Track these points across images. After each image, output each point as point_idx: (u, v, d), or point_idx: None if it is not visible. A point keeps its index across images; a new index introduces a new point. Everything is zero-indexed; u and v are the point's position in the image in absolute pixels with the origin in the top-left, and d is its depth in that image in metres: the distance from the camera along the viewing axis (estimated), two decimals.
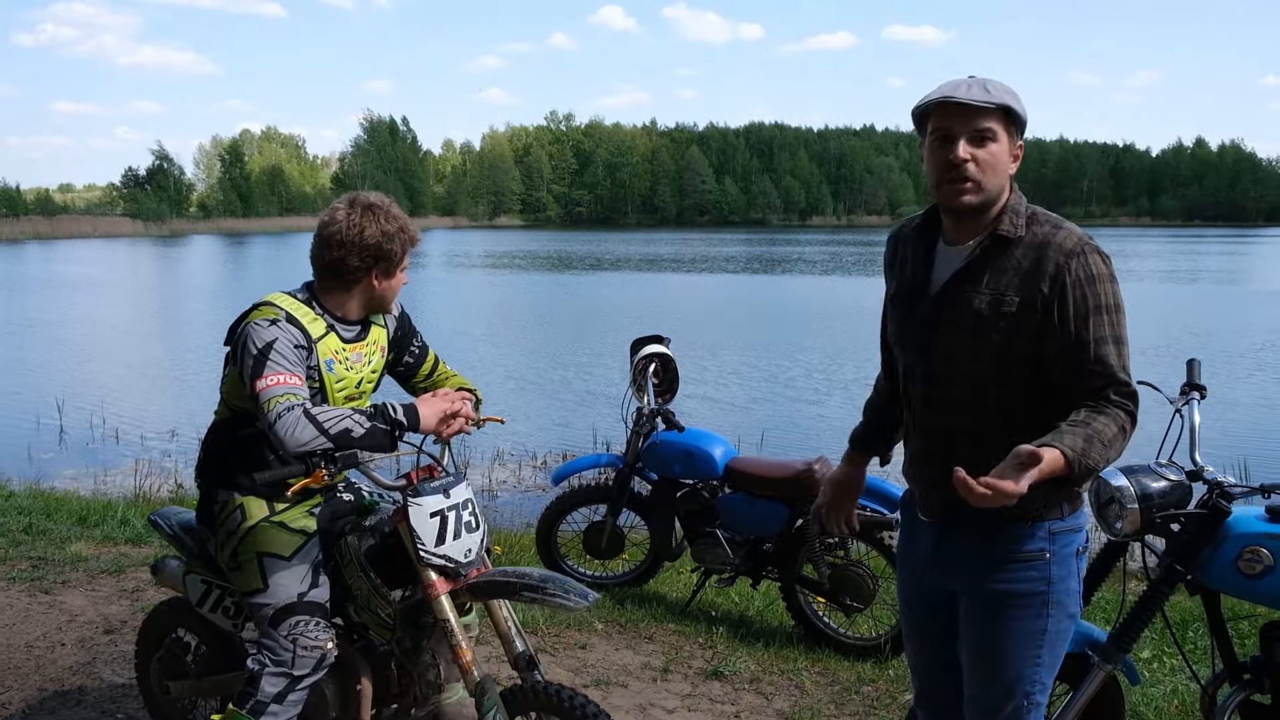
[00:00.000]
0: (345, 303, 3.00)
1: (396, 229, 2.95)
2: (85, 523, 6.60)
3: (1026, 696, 2.36)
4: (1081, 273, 2.18)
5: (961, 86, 2.21)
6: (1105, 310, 2.19)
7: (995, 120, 2.20)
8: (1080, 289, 2.18)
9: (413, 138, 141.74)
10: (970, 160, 2.20)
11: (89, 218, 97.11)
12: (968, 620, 2.41)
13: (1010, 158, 2.26)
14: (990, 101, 2.18)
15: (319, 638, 2.85)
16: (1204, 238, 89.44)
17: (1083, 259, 2.19)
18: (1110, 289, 2.20)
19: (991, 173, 2.22)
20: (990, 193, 2.24)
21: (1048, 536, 2.29)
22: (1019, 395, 2.25)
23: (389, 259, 2.95)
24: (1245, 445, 10.50)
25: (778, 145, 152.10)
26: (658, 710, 4.08)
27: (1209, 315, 25.99)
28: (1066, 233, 2.24)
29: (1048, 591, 2.31)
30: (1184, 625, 4.85)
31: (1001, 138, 2.22)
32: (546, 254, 61.22)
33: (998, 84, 2.24)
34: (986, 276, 2.25)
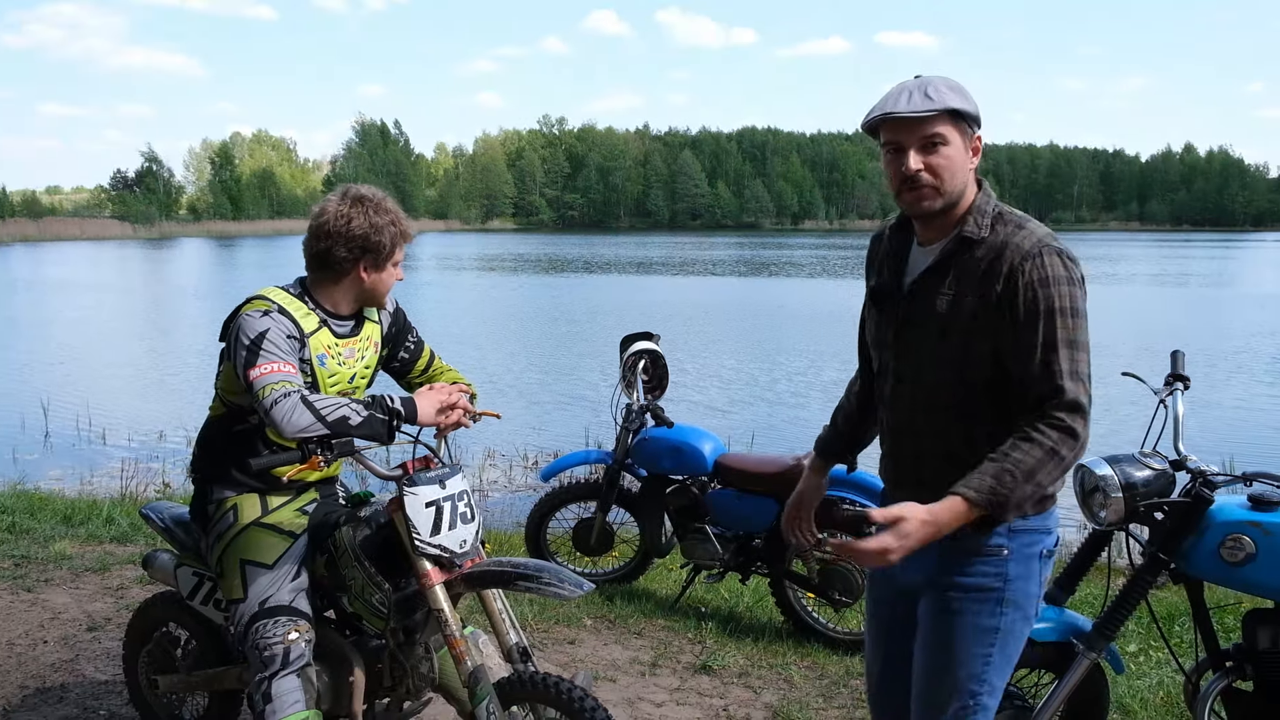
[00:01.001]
0: (336, 296, 3.01)
1: (386, 222, 2.94)
2: (70, 522, 6.56)
3: (973, 696, 2.31)
4: (1035, 274, 2.14)
5: (903, 96, 2.19)
6: (1059, 313, 2.13)
7: (943, 124, 2.19)
8: (1032, 290, 2.13)
9: (405, 141, 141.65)
10: (923, 169, 2.21)
11: (77, 220, 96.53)
12: (924, 614, 2.39)
13: (967, 154, 2.24)
14: (931, 109, 2.16)
15: (275, 634, 2.85)
16: (1192, 242, 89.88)
17: (1038, 260, 2.15)
18: (1066, 291, 2.14)
19: (948, 176, 2.21)
20: (951, 194, 2.23)
21: (1006, 533, 2.25)
22: (980, 396, 2.23)
23: (376, 251, 2.94)
24: (1229, 441, 10.59)
25: (770, 149, 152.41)
26: (646, 704, 4.09)
27: (1196, 317, 26.19)
28: (1026, 233, 2.20)
29: (1002, 589, 2.27)
30: (1170, 619, 4.88)
31: (953, 138, 2.20)
32: (538, 257, 61.19)
33: (942, 84, 2.21)
34: (950, 277, 2.25)
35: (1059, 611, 3.02)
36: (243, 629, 2.91)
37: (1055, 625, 2.97)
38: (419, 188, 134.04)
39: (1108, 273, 43.80)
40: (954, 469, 2.20)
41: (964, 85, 2.24)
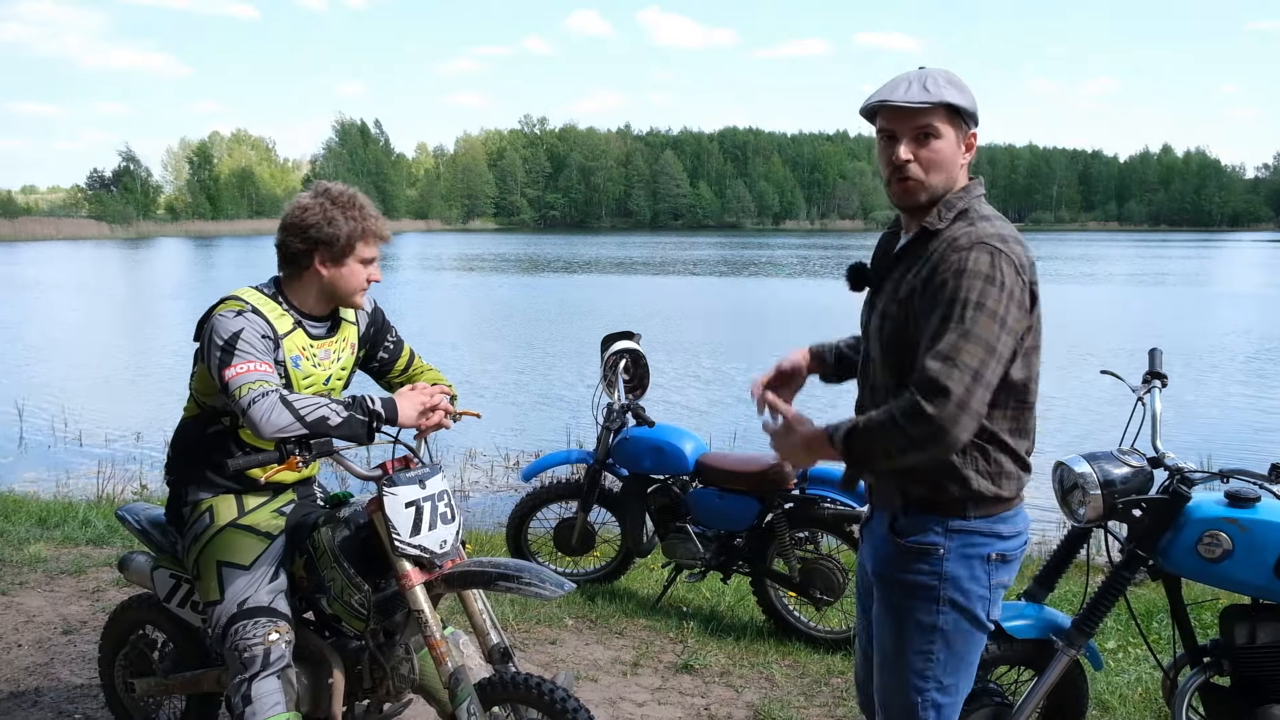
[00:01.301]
0: (302, 293, 2.96)
1: (343, 215, 2.88)
2: (45, 524, 6.50)
3: (920, 693, 2.32)
4: (955, 266, 2.13)
5: (901, 86, 2.20)
6: (961, 303, 2.10)
7: (938, 117, 2.20)
8: (945, 279, 2.13)
9: (385, 140, 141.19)
10: (913, 160, 2.22)
11: (53, 220, 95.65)
12: (874, 609, 2.43)
13: (960, 149, 2.25)
14: (928, 101, 2.18)
15: (255, 636, 2.83)
16: (1170, 242, 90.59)
17: (966, 254, 2.13)
18: (979, 286, 2.10)
19: (936, 169, 2.23)
20: (936, 188, 2.25)
21: (944, 532, 2.26)
22: None
23: (330, 243, 2.87)
24: (1206, 438, 10.69)
25: (751, 150, 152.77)
26: (628, 704, 4.08)
27: (1173, 316, 26.39)
28: (973, 230, 2.18)
29: (938, 587, 2.28)
30: (1148, 616, 4.92)
31: (946, 133, 2.22)
32: (519, 257, 61.08)
33: (942, 77, 2.22)
34: (905, 264, 2.28)
35: (1038, 609, 3.04)
36: (221, 631, 2.88)
37: (1034, 622, 2.98)
38: (400, 187, 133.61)
39: (1086, 272, 44.15)
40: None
41: (965, 81, 2.25)
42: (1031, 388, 2.27)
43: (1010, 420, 2.26)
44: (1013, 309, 2.12)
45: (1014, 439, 2.27)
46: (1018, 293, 2.14)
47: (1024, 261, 2.17)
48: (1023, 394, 2.25)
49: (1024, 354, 2.22)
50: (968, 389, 2.07)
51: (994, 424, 2.24)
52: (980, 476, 2.25)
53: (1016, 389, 2.24)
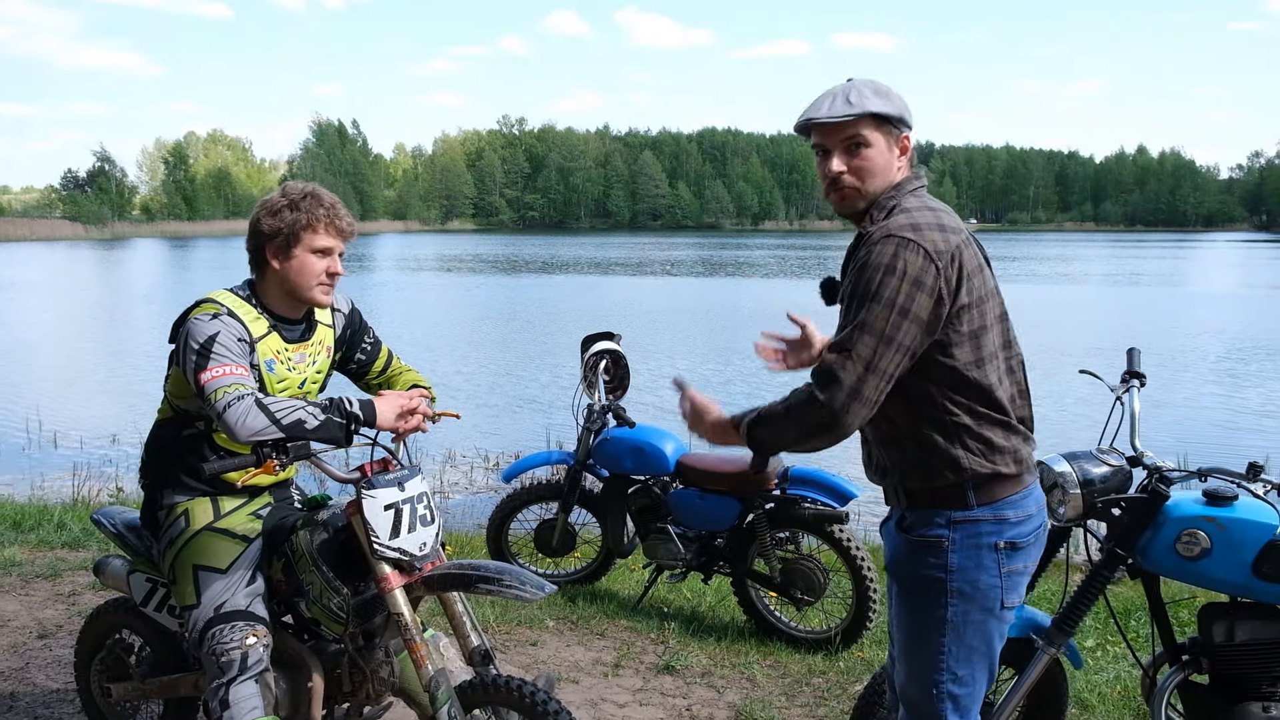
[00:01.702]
0: (270, 292, 2.94)
1: (288, 203, 2.85)
2: (20, 527, 6.43)
3: (936, 685, 2.35)
4: (864, 259, 2.19)
5: (826, 102, 2.27)
6: (869, 298, 2.15)
7: (864, 127, 2.26)
8: (858, 273, 2.19)
9: (363, 141, 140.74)
10: (845, 171, 2.29)
11: (26, 220, 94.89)
12: (891, 604, 2.48)
13: (893, 154, 2.31)
14: (851, 114, 2.24)
15: (232, 640, 2.80)
16: (1145, 242, 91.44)
17: (871, 248, 2.19)
18: (882, 278, 2.14)
19: (869, 177, 2.29)
20: (873, 194, 2.31)
21: (947, 524, 2.29)
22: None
23: (274, 235, 2.85)
24: (1184, 437, 10.78)
25: (730, 150, 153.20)
26: (609, 705, 4.08)
27: (1148, 316, 26.63)
28: (885, 224, 2.23)
29: (946, 579, 2.30)
30: (1127, 614, 4.95)
31: (876, 141, 2.28)
32: (498, 257, 60.97)
33: (867, 88, 2.28)
34: (849, 268, 2.33)
35: (1019, 608, 3.04)
36: (198, 635, 2.85)
37: (1015, 621, 2.98)
38: (378, 188, 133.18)
39: (1062, 273, 44.49)
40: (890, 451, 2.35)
41: (890, 88, 2.31)
42: (987, 368, 2.25)
43: (978, 396, 2.25)
44: (918, 296, 2.14)
45: (993, 410, 2.27)
46: (927, 279, 2.15)
47: (938, 248, 2.17)
48: (978, 373, 2.24)
49: (967, 338, 2.22)
50: (859, 378, 2.14)
51: (963, 402, 2.25)
52: (972, 455, 2.26)
53: (970, 370, 2.23)
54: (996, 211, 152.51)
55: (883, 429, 2.34)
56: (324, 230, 2.88)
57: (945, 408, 2.25)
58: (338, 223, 2.90)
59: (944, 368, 2.23)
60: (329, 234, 2.89)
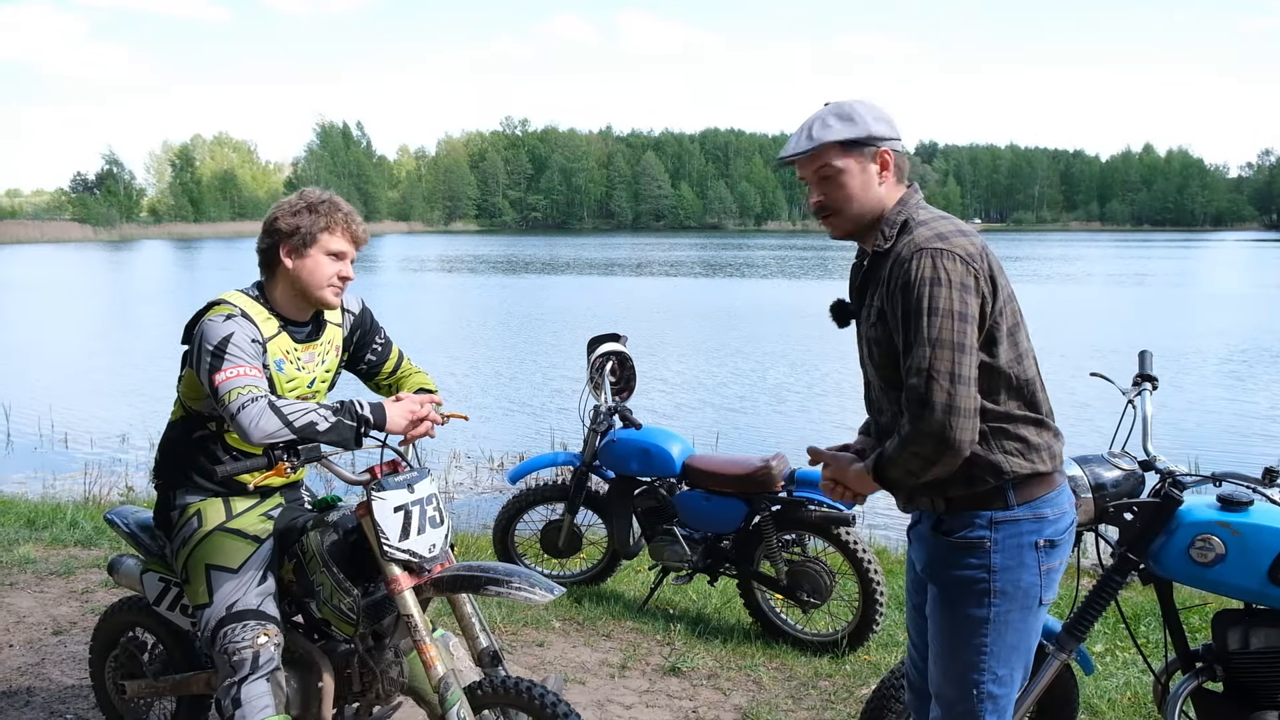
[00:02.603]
0: (281, 294, 2.96)
1: (306, 205, 2.90)
2: (34, 525, 6.50)
3: (976, 686, 2.38)
4: (903, 279, 2.23)
5: (792, 140, 2.35)
6: (922, 313, 2.19)
7: (831, 156, 2.32)
8: (906, 291, 2.22)
9: (367, 143, 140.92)
10: (822, 200, 2.35)
11: (36, 223, 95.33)
12: (928, 606, 2.48)
13: (869, 175, 2.34)
14: (807, 149, 2.32)
15: (244, 639, 2.82)
16: (1152, 242, 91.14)
17: (908, 264, 2.22)
18: (931, 291, 2.19)
19: (847, 203, 2.35)
20: (855, 219, 2.37)
21: (988, 525, 2.33)
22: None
23: (291, 234, 2.89)
24: (1197, 441, 10.71)
25: (733, 150, 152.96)
26: (615, 707, 4.08)
27: (1159, 317, 26.52)
28: (911, 239, 2.27)
29: (988, 580, 2.34)
30: (1138, 619, 4.93)
31: (847, 166, 2.33)
32: (501, 258, 60.98)
33: (832, 115, 2.33)
34: (870, 289, 2.38)
35: None
36: (210, 634, 2.86)
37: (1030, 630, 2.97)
38: (381, 189, 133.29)
39: (1071, 273, 44.37)
40: None
41: (858, 107, 2.34)
42: (1026, 363, 2.36)
43: (1016, 395, 2.35)
44: (968, 299, 2.21)
45: (1029, 410, 2.36)
46: (971, 282, 2.22)
47: (970, 251, 2.25)
48: (1019, 369, 2.34)
49: (1005, 336, 2.30)
50: (949, 393, 2.18)
51: (1003, 405, 2.33)
52: (1011, 456, 2.33)
53: (1012, 367, 2.32)
54: (1001, 211, 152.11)
55: None
56: (340, 234, 2.93)
57: (986, 410, 2.29)
58: (353, 229, 2.96)
59: (988, 369, 2.29)
60: (344, 238, 2.94)
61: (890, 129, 2.34)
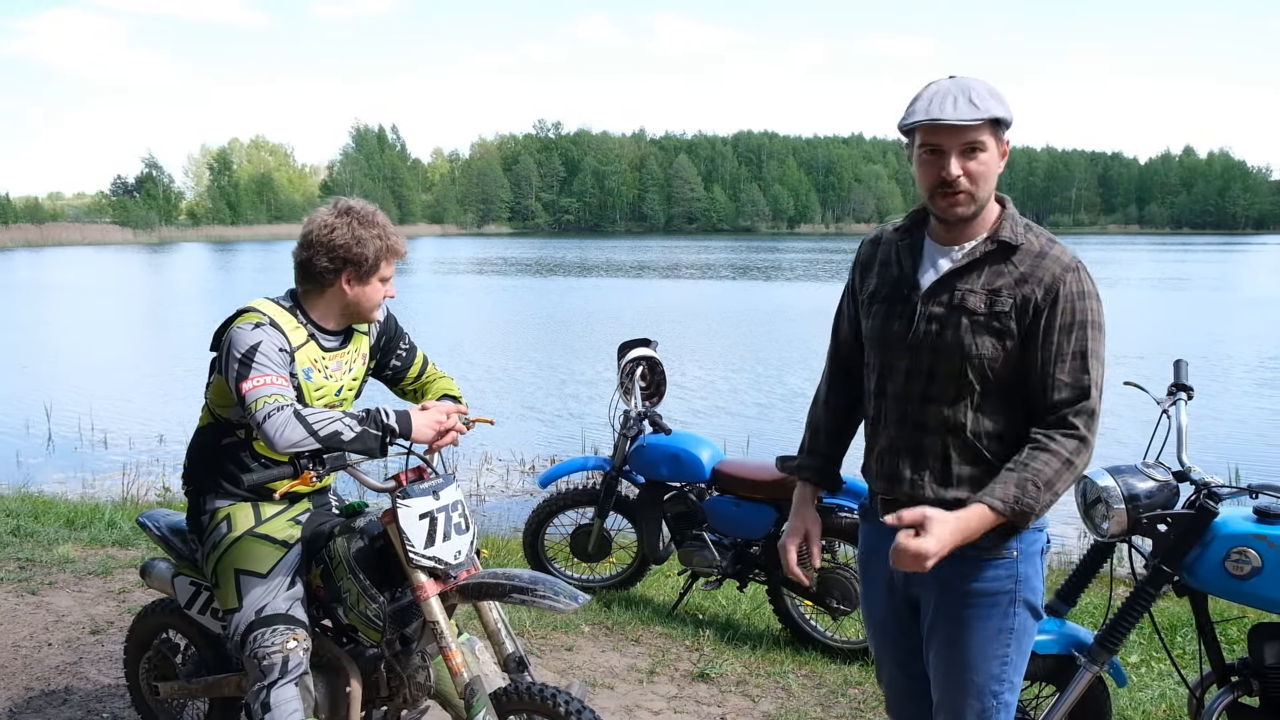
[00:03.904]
0: (322, 308, 2.98)
1: (371, 235, 2.90)
2: (73, 525, 6.61)
3: (995, 696, 2.37)
4: (1075, 287, 2.25)
5: (948, 102, 2.19)
6: (1090, 326, 2.26)
7: (985, 132, 2.22)
8: (1072, 302, 2.24)
9: (402, 145, 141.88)
10: (963, 175, 2.23)
11: (78, 225, 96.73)
12: (936, 622, 2.39)
13: (1000, 159, 2.29)
14: (978, 118, 2.19)
15: (274, 643, 2.84)
16: (1192, 246, 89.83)
17: (1077, 274, 2.26)
18: (1096, 307, 2.28)
19: (983, 182, 2.26)
20: (983, 200, 2.29)
21: (1012, 534, 2.31)
22: (995, 395, 2.29)
23: (359, 264, 2.90)
24: (1235, 452, 10.53)
25: (766, 153, 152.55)
26: (644, 712, 4.07)
27: (1197, 322, 26.12)
28: (1062, 248, 2.30)
29: (1015, 590, 2.34)
30: (1172, 630, 4.86)
31: (990, 146, 2.24)
32: (534, 260, 61.19)
33: (982, 89, 2.22)
34: (983, 277, 2.29)
35: (1060, 623, 3.00)
36: (239, 638, 2.89)
37: (1056, 637, 2.94)
38: (415, 192, 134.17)
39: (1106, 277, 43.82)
40: (966, 464, 2.31)
41: (1000, 89, 2.26)
42: None
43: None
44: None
45: None
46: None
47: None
48: None
49: None
50: (1098, 404, 2.28)
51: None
52: None
53: None
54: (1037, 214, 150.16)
55: (970, 448, 2.32)
56: (393, 259, 2.99)
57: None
58: (401, 250, 3.01)
59: None
60: (393, 262, 3.01)
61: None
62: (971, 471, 2.31)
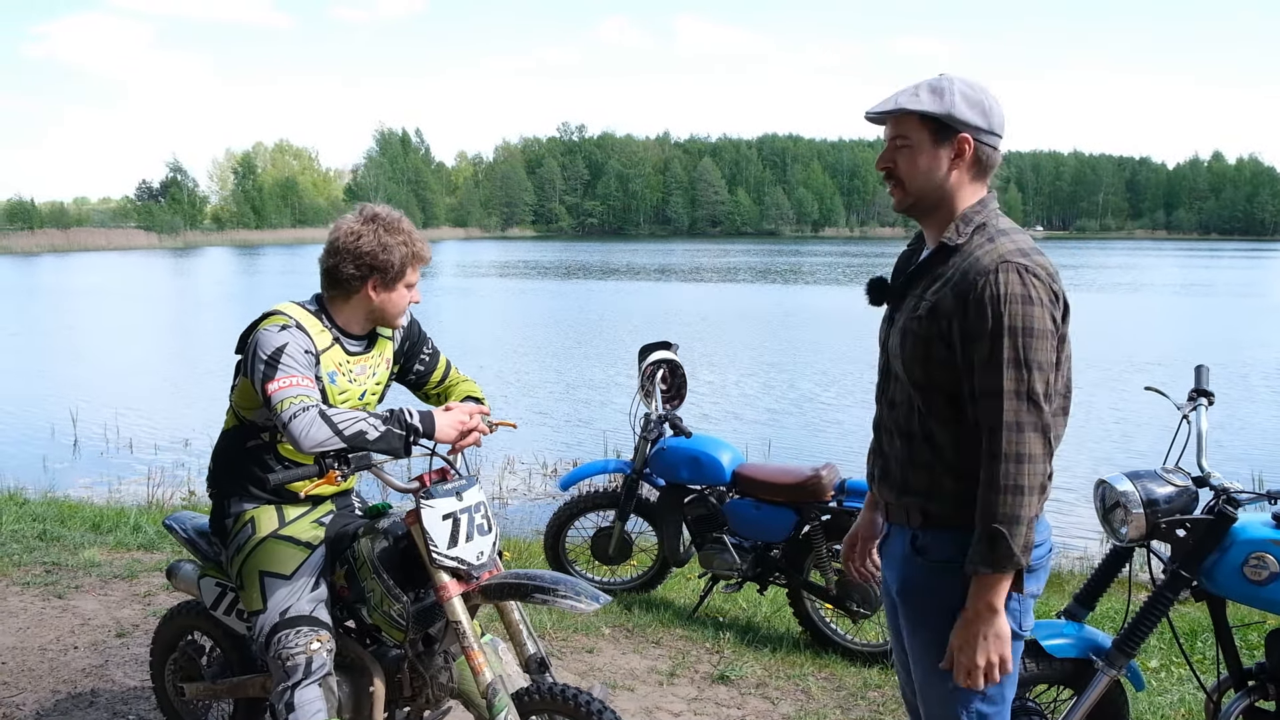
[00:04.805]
0: (348, 313, 3.02)
1: (397, 242, 2.94)
2: (99, 529, 6.66)
3: (965, 706, 2.28)
4: (989, 291, 2.09)
5: (904, 94, 2.23)
6: (1006, 333, 2.07)
7: (907, 125, 2.22)
8: (982, 307, 2.09)
9: (425, 149, 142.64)
10: (890, 166, 2.27)
11: (103, 230, 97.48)
12: (905, 630, 2.39)
13: (940, 157, 2.22)
14: (882, 110, 2.23)
15: (298, 644, 2.87)
16: (1220, 251, 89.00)
17: (993, 276, 2.10)
18: (1019, 310, 2.08)
19: (910, 177, 2.24)
20: (916, 195, 2.26)
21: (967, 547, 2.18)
22: (940, 400, 2.22)
23: (385, 270, 2.94)
24: (1256, 456, 10.46)
25: (790, 156, 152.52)
26: (664, 714, 4.09)
27: (1223, 328, 25.88)
28: (993, 248, 2.16)
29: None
30: (1191, 635, 4.85)
31: (918, 141, 2.21)
32: (557, 264, 61.35)
33: (924, 86, 2.21)
34: (926, 280, 2.26)
35: (1078, 628, 3.01)
36: (264, 640, 2.93)
37: (1074, 642, 2.95)
38: (439, 195, 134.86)
39: (1132, 282, 43.50)
40: (910, 467, 2.28)
41: (965, 86, 2.20)
42: (1069, 395, 2.25)
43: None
44: (1051, 320, 2.12)
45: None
46: (1050, 303, 2.12)
47: (1049, 271, 2.16)
48: (1063, 403, 2.23)
49: (1063, 361, 2.20)
50: (1044, 413, 2.09)
51: None
52: None
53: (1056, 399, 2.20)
54: (1064, 219, 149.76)
55: (922, 454, 2.25)
56: (418, 265, 3.03)
57: None
58: (426, 256, 3.05)
59: None
60: (419, 268, 3.05)
61: (981, 118, 2.20)
62: (922, 481, 2.26)
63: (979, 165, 2.24)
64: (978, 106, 2.20)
